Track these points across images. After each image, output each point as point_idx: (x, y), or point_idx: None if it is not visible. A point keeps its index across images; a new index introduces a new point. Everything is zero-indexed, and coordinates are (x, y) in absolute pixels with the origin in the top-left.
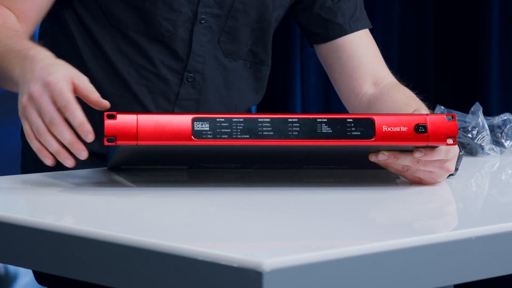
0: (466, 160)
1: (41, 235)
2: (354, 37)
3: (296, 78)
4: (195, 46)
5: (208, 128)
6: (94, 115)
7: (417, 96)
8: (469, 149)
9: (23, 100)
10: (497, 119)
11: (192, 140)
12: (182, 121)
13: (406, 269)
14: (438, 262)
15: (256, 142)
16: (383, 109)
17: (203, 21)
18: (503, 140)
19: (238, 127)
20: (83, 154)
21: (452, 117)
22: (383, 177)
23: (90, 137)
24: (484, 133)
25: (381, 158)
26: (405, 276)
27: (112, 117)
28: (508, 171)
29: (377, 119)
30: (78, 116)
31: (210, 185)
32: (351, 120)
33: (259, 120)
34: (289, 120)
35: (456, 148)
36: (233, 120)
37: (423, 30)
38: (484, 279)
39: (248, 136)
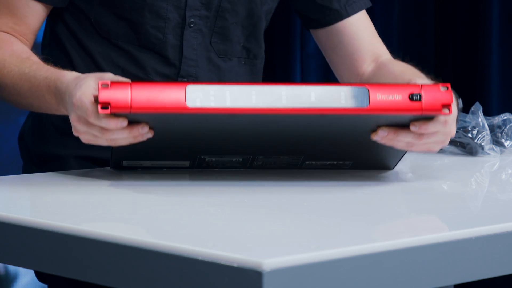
0: (466, 160)
1: (41, 235)
2: (353, 19)
3: (296, 78)
4: (186, 51)
5: (201, 96)
6: None
7: (416, 68)
8: (469, 148)
9: (73, 130)
10: (497, 119)
11: (186, 108)
12: (176, 89)
13: (406, 269)
14: (438, 262)
15: (249, 110)
16: (381, 82)
17: (192, 25)
18: (503, 140)
19: (232, 96)
20: (146, 134)
21: (447, 87)
22: (383, 177)
23: (123, 123)
24: (484, 133)
25: (381, 134)
26: (405, 276)
27: (107, 86)
28: (508, 171)
29: (371, 88)
30: (102, 122)
31: (210, 185)
32: (345, 89)
33: (251, 88)
34: (282, 88)
35: (453, 112)
36: (226, 88)
37: (423, 30)
38: (484, 279)
39: (240, 103)
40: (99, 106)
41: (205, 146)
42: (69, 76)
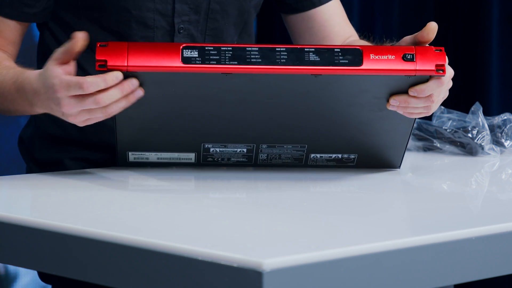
0: (466, 160)
1: (42, 235)
2: (325, 7)
3: None
4: None
5: (197, 55)
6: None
7: None
8: (469, 148)
9: (70, 119)
10: (497, 119)
11: (181, 66)
12: (172, 48)
13: (406, 269)
14: (438, 262)
15: (244, 69)
16: None
17: (181, 30)
18: (503, 140)
19: (227, 55)
20: (137, 92)
21: (441, 49)
22: (383, 177)
23: (119, 75)
24: (484, 133)
25: (393, 103)
26: (405, 276)
27: (105, 45)
28: (508, 171)
29: (364, 49)
30: (107, 77)
31: (209, 184)
32: (339, 49)
33: (247, 48)
34: (277, 49)
35: (449, 71)
36: (222, 48)
37: None
38: (484, 279)
39: (236, 62)
40: (96, 64)
41: (208, 132)
42: (33, 77)
